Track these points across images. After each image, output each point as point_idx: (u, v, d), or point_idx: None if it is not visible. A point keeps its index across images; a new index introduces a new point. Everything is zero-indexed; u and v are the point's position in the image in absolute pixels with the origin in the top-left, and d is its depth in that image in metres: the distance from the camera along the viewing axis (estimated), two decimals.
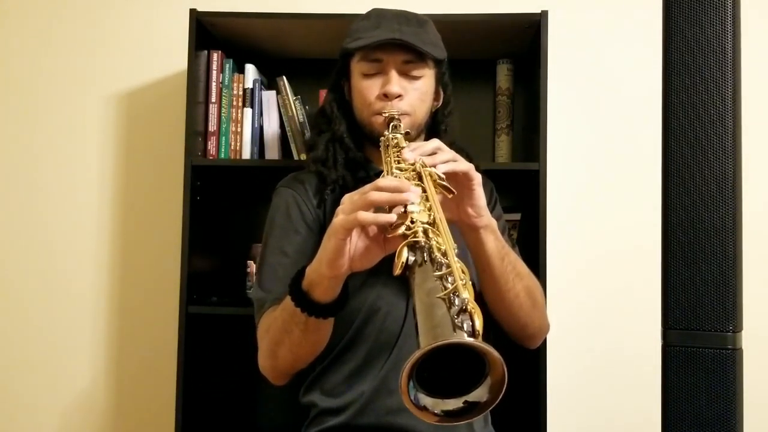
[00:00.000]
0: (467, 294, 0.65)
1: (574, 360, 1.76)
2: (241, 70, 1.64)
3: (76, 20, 1.88)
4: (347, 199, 0.88)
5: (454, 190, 0.90)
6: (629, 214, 1.78)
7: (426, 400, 0.65)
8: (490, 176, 1.40)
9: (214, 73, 1.59)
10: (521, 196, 1.69)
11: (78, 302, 1.84)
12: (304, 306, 0.95)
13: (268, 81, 1.70)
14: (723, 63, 0.64)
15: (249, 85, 1.63)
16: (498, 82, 1.69)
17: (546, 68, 1.48)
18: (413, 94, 1.15)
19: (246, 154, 1.60)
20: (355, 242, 0.88)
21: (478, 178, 0.97)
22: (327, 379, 1.13)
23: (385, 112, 1.12)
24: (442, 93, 1.24)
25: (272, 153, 1.63)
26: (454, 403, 0.65)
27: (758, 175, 1.71)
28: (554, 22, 1.52)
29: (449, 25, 1.54)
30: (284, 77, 1.63)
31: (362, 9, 1.16)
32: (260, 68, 1.68)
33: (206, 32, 1.58)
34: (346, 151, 1.20)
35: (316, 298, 0.94)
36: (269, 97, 1.64)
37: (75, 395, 1.83)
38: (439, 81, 1.22)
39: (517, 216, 1.69)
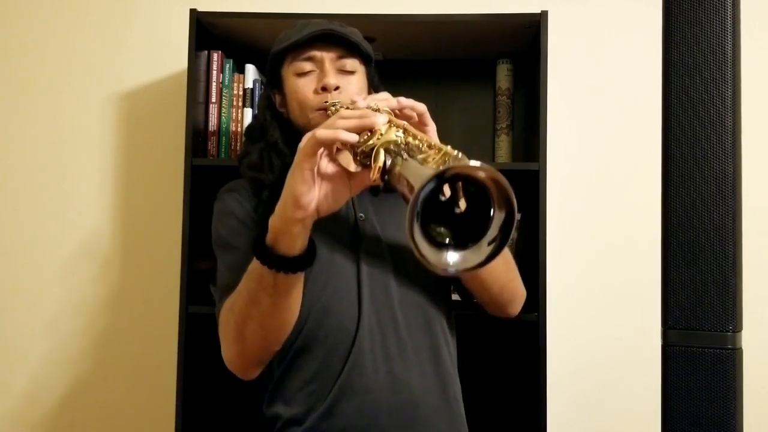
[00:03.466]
0: (456, 152, 0.62)
1: (574, 360, 1.76)
2: (241, 70, 1.64)
3: (76, 20, 1.88)
4: (308, 134, 0.85)
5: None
6: (629, 214, 1.78)
7: (431, 255, 0.64)
8: None
9: (214, 73, 1.59)
10: (521, 196, 1.68)
11: (78, 302, 1.84)
12: (272, 262, 0.89)
13: None
14: (723, 63, 0.64)
15: (249, 85, 1.63)
16: (498, 82, 1.69)
17: (546, 68, 1.48)
18: (350, 88, 1.11)
19: None
20: (324, 167, 0.85)
21: (432, 124, 0.95)
22: (287, 386, 1.07)
23: (325, 102, 1.07)
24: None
25: None
26: (477, 256, 0.65)
27: (758, 175, 1.70)
28: (554, 22, 1.52)
29: (449, 25, 1.54)
30: None
31: (361, 9, 1.16)
32: (260, 68, 1.68)
33: (206, 32, 1.58)
34: (282, 157, 1.13)
35: (283, 250, 0.89)
36: None
37: (75, 394, 1.83)
38: (371, 82, 1.19)
39: (516, 216, 1.69)
